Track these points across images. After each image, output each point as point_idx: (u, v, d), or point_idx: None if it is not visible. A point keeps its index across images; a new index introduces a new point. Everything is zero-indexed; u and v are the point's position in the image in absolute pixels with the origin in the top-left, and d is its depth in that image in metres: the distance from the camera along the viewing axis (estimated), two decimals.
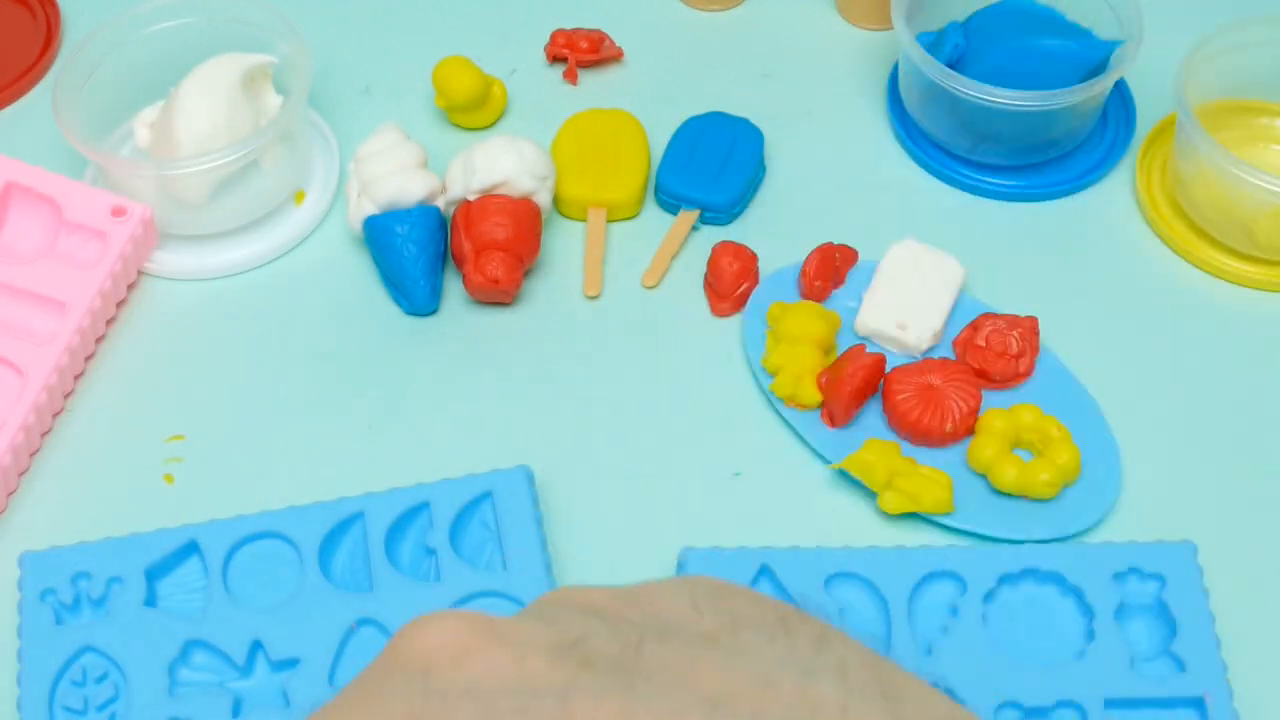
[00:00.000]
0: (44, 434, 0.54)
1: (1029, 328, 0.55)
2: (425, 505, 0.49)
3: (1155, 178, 0.62)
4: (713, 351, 0.57)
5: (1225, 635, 0.48)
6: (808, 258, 0.57)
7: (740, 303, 0.57)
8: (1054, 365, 0.55)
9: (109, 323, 0.58)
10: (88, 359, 0.57)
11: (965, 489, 0.52)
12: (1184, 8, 0.67)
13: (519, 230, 0.57)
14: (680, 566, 0.48)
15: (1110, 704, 0.45)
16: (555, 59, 0.67)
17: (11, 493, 0.53)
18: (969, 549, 0.49)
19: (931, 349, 0.55)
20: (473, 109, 0.63)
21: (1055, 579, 0.48)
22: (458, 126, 0.64)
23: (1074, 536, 0.51)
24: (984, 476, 0.52)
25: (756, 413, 0.55)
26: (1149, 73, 0.63)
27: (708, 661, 0.31)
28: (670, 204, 0.61)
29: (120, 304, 0.58)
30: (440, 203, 0.58)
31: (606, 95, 0.65)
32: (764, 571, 0.48)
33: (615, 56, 0.67)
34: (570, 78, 0.66)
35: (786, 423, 0.54)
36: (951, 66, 0.60)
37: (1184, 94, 0.58)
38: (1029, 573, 0.48)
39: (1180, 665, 0.46)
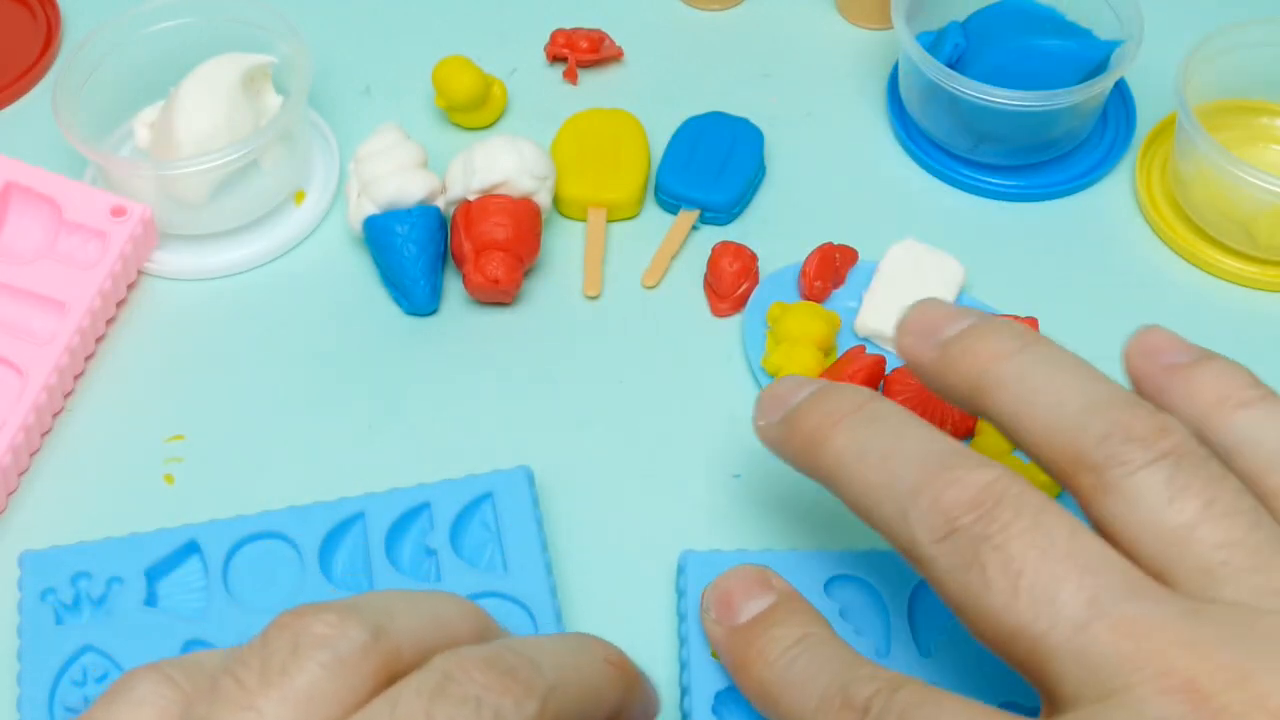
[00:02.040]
0: (44, 434, 0.54)
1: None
2: (425, 505, 0.49)
3: (1155, 178, 0.62)
4: (713, 351, 0.57)
5: None
6: (808, 258, 0.57)
7: (740, 303, 0.57)
8: None
9: (109, 323, 0.58)
10: (88, 359, 0.57)
11: None
12: (1184, 8, 0.68)
13: (519, 230, 0.57)
14: (680, 570, 0.48)
15: None
16: (555, 59, 0.67)
17: (11, 493, 0.53)
18: None
19: None
20: (473, 109, 0.63)
21: None
22: (458, 126, 0.64)
23: None
24: None
25: None
26: (1149, 73, 0.64)
27: None
28: (670, 204, 0.61)
29: (120, 304, 0.58)
30: (440, 203, 0.58)
31: (606, 95, 0.65)
32: None
33: (615, 56, 0.67)
34: (570, 78, 0.66)
35: None
36: (951, 66, 0.60)
37: (1184, 94, 0.58)
38: None
39: None
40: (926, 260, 0.56)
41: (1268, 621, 0.33)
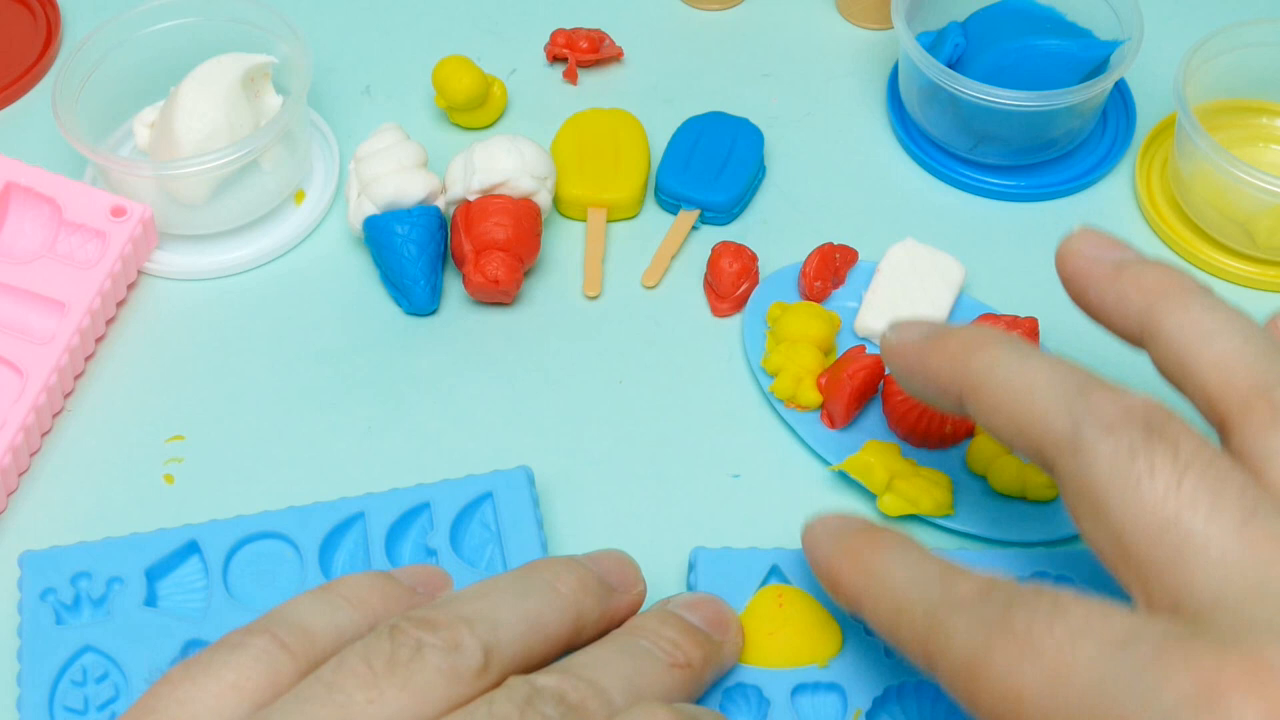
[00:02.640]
0: (44, 434, 0.54)
1: (1029, 329, 0.55)
2: (425, 505, 0.49)
3: (1155, 178, 0.62)
4: (713, 352, 0.57)
5: None
6: (808, 258, 0.57)
7: (740, 303, 0.57)
8: None
9: (109, 323, 0.58)
10: (88, 359, 0.57)
11: (965, 491, 0.52)
12: (1184, 8, 0.68)
13: (519, 230, 0.57)
14: (691, 567, 0.48)
15: None
16: (555, 59, 0.67)
17: (11, 493, 0.53)
18: (970, 551, 0.49)
19: None
20: (473, 109, 0.63)
21: (1055, 580, 0.48)
22: (458, 126, 0.64)
23: (1073, 539, 0.51)
24: (983, 478, 0.52)
25: (756, 414, 0.55)
26: (1149, 73, 0.64)
27: None
28: (670, 204, 0.61)
29: (120, 304, 0.58)
30: (440, 203, 0.58)
31: (606, 95, 0.65)
32: (774, 572, 0.48)
33: (615, 56, 0.67)
34: (570, 78, 0.66)
35: (786, 424, 0.54)
36: (951, 66, 0.60)
37: (1184, 94, 0.58)
38: (1035, 576, 0.48)
39: None
40: (926, 260, 0.56)
41: None
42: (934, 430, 0.52)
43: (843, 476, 0.52)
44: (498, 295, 0.57)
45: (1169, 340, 0.40)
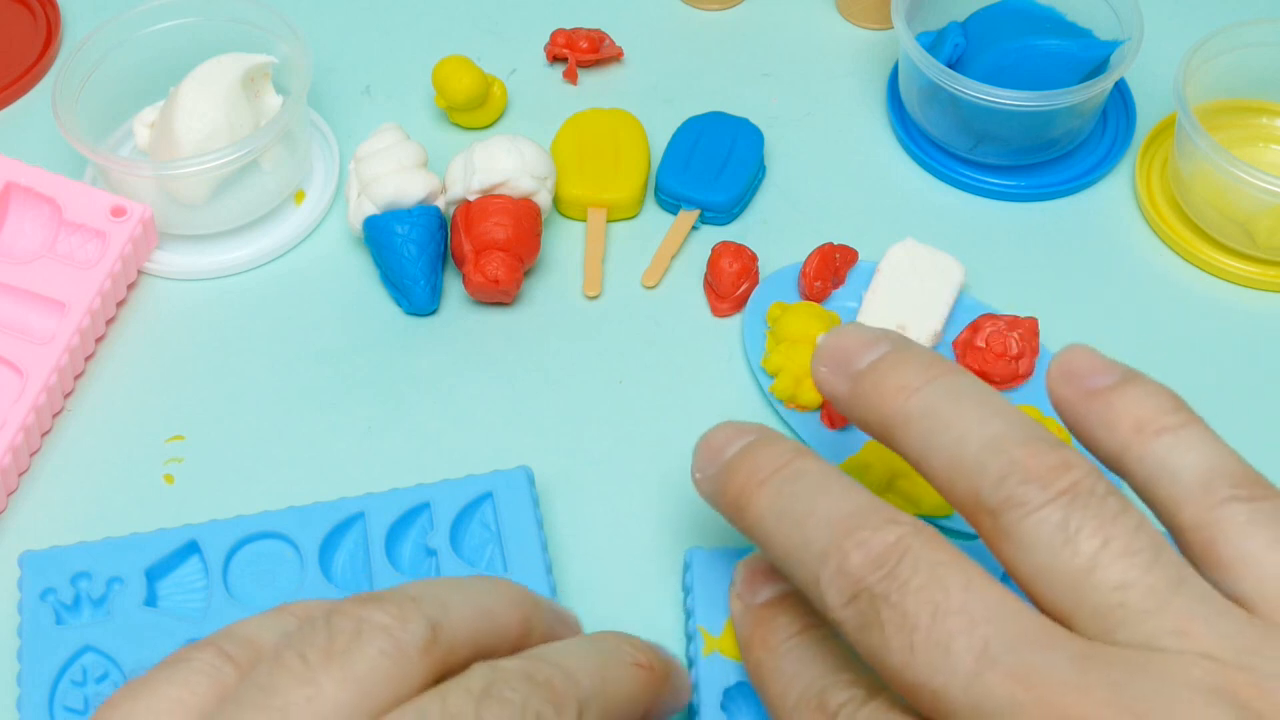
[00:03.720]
0: (44, 434, 0.54)
1: (1029, 329, 0.55)
2: (425, 505, 0.49)
3: (1155, 178, 0.62)
4: (713, 352, 0.57)
5: None
6: (808, 258, 0.57)
7: (740, 303, 0.57)
8: None
9: (109, 323, 0.58)
10: (88, 359, 0.57)
11: None
12: (1184, 8, 0.68)
13: (519, 230, 0.57)
14: (686, 567, 0.48)
15: None
16: (555, 59, 0.67)
17: (11, 493, 0.53)
18: (970, 549, 0.49)
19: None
20: (473, 109, 0.63)
21: None
22: (458, 126, 0.64)
23: None
24: None
25: (757, 414, 0.55)
26: (1149, 73, 0.64)
27: None
28: (670, 204, 0.61)
29: (120, 304, 0.58)
30: (440, 203, 0.58)
31: (606, 95, 0.65)
32: None
33: (615, 56, 0.67)
34: (570, 78, 0.66)
35: (787, 424, 0.54)
36: (951, 66, 0.60)
37: (1184, 94, 0.58)
38: None
39: None
40: (926, 260, 0.56)
41: (1159, 662, 0.33)
42: None
43: None
44: (498, 295, 0.57)
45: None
